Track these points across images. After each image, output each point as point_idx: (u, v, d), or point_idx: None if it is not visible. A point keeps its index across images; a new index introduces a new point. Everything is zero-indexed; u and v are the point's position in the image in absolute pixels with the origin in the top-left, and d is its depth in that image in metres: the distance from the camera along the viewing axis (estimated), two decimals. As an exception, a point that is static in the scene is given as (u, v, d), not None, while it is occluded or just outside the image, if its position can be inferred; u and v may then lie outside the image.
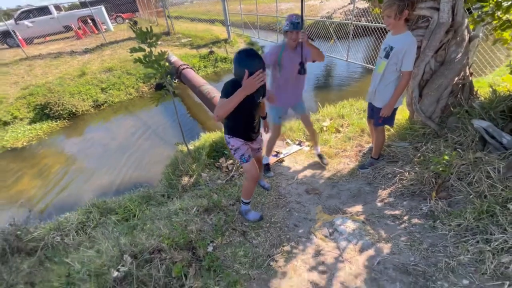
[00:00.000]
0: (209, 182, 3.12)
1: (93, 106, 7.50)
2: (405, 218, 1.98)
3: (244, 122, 1.99)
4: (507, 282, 1.31)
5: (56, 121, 6.82)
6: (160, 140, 5.69)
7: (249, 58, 1.67)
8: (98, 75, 8.35)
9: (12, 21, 12.74)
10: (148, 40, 2.86)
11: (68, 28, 14.13)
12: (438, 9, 2.07)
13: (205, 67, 9.82)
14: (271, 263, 1.90)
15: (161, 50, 3.01)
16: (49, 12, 13.62)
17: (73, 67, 9.05)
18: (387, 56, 2.05)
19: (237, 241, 2.12)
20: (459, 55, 2.19)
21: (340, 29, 7.27)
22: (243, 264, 1.88)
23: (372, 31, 6.04)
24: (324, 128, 3.93)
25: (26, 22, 12.92)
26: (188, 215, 2.37)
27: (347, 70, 8.66)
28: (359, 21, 6.18)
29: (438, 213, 1.85)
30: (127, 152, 5.34)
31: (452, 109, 2.37)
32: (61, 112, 6.92)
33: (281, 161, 3.37)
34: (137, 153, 5.28)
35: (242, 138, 2.04)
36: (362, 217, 2.14)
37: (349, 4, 13.14)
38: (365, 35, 6.33)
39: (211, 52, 10.29)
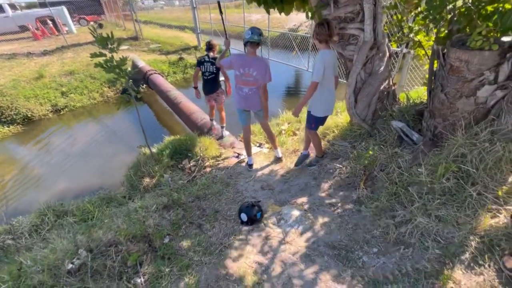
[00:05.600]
0: (171, 182, 3.24)
1: (51, 111, 7.15)
2: (339, 205, 2.31)
3: None
4: (402, 246, 1.66)
5: (8, 126, 6.40)
6: (125, 145, 5.62)
7: None
8: (58, 78, 7.98)
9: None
10: (109, 46, 2.94)
11: (24, 28, 13.25)
12: (363, 30, 2.50)
13: (174, 73, 9.85)
14: (223, 250, 2.09)
15: (122, 56, 3.10)
16: (2, 11, 12.70)
17: (30, 69, 8.53)
18: None
19: (193, 233, 2.29)
20: (382, 68, 2.63)
21: (303, 41, 7.85)
22: (197, 252, 2.06)
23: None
24: (283, 132, 4.26)
25: (-27, 19, 11.93)
26: (147, 212, 2.49)
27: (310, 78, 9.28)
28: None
29: (364, 199, 2.21)
30: (88, 158, 5.21)
31: (380, 113, 2.80)
32: (14, 116, 6.52)
33: (242, 161, 3.60)
34: (99, 159, 5.18)
35: None
36: (305, 207, 2.44)
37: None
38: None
39: (181, 59, 10.36)
